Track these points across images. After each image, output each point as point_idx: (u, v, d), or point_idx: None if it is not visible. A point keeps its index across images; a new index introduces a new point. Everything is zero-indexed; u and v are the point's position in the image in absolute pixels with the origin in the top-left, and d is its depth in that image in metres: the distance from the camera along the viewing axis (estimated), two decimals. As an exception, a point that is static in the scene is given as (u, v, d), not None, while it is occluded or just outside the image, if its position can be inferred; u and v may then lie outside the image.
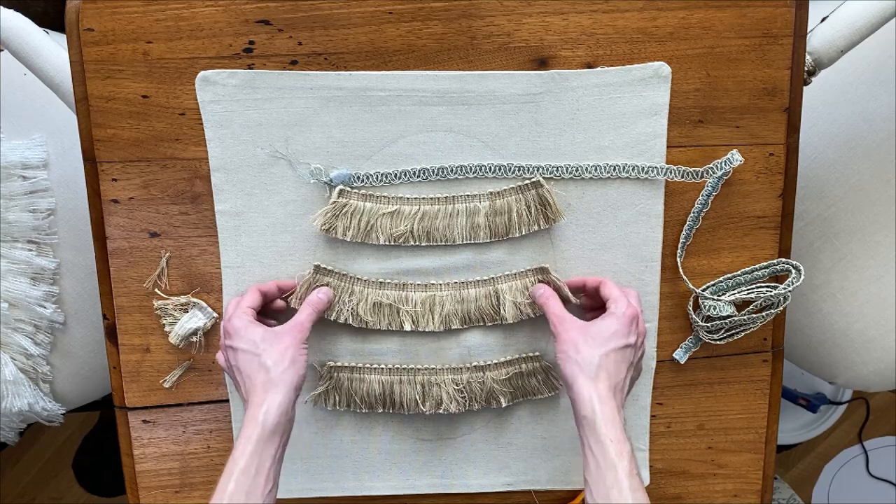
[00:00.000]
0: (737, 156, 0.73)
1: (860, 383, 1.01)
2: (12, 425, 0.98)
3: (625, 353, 0.67)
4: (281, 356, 0.67)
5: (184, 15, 0.70)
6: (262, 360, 0.67)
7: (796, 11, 0.72)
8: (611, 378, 0.66)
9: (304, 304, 0.72)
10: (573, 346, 0.67)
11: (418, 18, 0.70)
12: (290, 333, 0.68)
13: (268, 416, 0.64)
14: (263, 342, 0.67)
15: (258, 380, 0.66)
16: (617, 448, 0.63)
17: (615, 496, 0.62)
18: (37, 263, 0.90)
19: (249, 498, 0.62)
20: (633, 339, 0.68)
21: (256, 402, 0.65)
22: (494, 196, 0.74)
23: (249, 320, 0.69)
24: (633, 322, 0.68)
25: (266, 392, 0.65)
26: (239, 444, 0.64)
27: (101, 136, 0.73)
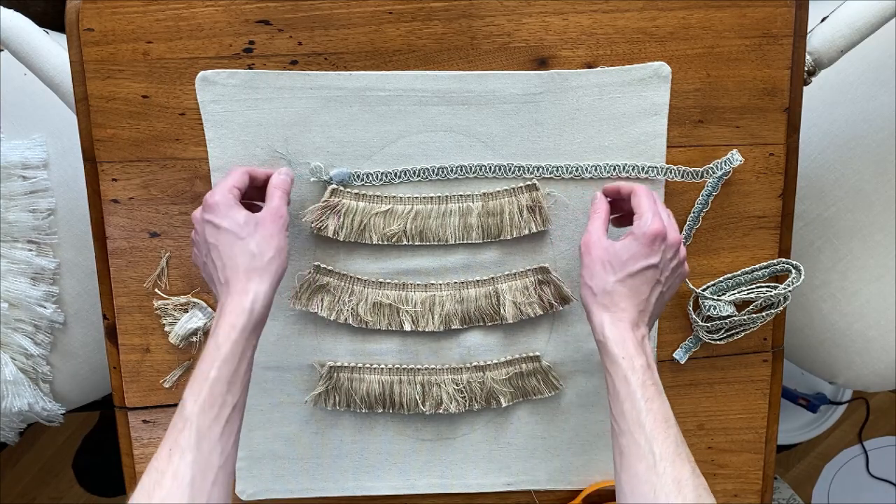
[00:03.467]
0: (737, 156, 0.73)
1: (860, 383, 1.01)
2: (12, 425, 0.98)
3: (645, 275, 0.65)
4: (266, 243, 0.64)
5: (184, 15, 0.70)
6: (246, 244, 0.64)
7: (796, 11, 0.72)
8: (629, 301, 0.65)
9: (273, 188, 0.68)
10: (589, 271, 0.66)
11: (418, 18, 0.70)
12: (273, 220, 0.65)
13: (255, 304, 0.63)
14: (247, 226, 0.64)
15: (241, 264, 0.64)
16: (629, 363, 0.62)
17: (629, 409, 0.61)
18: (37, 263, 0.90)
19: (231, 387, 0.61)
20: (656, 258, 0.65)
21: (240, 288, 0.63)
22: (487, 197, 0.74)
23: (234, 200, 0.66)
24: (655, 240, 0.65)
25: (249, 280, 0.63)
26: (220, 330, 0.62)
27: (101, 136, 0.73)
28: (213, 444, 0.59)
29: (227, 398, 0.60)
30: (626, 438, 0.61)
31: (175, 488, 0.57)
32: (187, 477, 0.57)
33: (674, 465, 0.59)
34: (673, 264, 0.67)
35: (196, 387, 0.60)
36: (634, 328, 0.65)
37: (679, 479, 0.59)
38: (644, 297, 0.65)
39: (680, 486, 0.58)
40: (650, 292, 0.66)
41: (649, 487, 0.59)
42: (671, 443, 0.60)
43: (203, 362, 0.61)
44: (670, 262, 0.67)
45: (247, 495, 0.80)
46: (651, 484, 0.59)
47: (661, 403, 0.62)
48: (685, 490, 0.58)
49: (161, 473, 0.57)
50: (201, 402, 0.59)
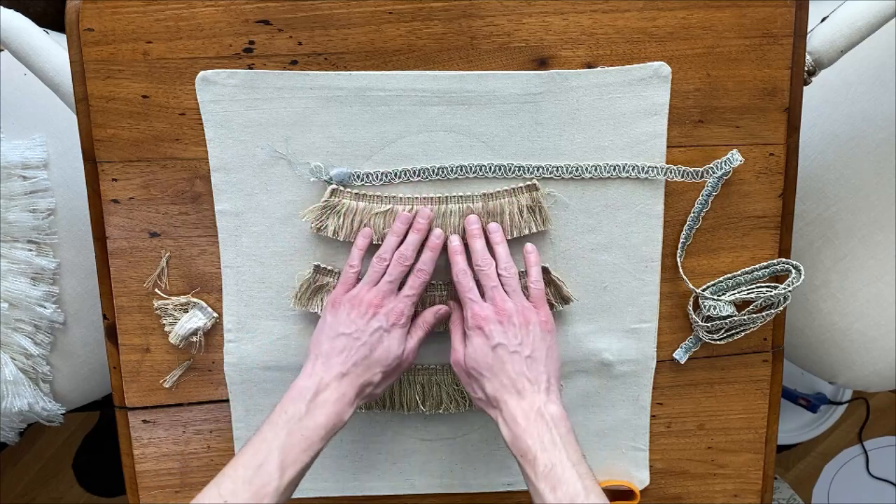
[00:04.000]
0: (737, 156, 0.73)
1: (860, 383, 1.01)
2: (12, 425, 0.98)
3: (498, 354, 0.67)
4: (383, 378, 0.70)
5: (184, 15, 0.70)
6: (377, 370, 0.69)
7: (796, 11, 0.72)
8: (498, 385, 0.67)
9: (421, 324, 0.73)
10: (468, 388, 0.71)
11: (418, 18, 0.70)
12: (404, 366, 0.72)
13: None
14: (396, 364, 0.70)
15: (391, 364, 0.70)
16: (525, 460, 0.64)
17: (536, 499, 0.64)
18: (37, 263, 0.90)
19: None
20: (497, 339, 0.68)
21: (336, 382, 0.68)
22: (487, 197, 0.74)
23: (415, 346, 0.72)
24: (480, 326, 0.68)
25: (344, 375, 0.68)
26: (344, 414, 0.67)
27: (101, 136, 0.73)
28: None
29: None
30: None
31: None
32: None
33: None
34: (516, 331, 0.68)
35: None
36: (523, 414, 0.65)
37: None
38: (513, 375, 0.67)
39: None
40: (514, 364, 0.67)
41: None
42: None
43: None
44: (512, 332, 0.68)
45: (247, 495, 0.80)
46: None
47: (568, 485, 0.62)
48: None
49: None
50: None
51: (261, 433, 0.65)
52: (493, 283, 0.70)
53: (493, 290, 0.70)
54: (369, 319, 0.69)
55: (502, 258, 0.71)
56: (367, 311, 0.69)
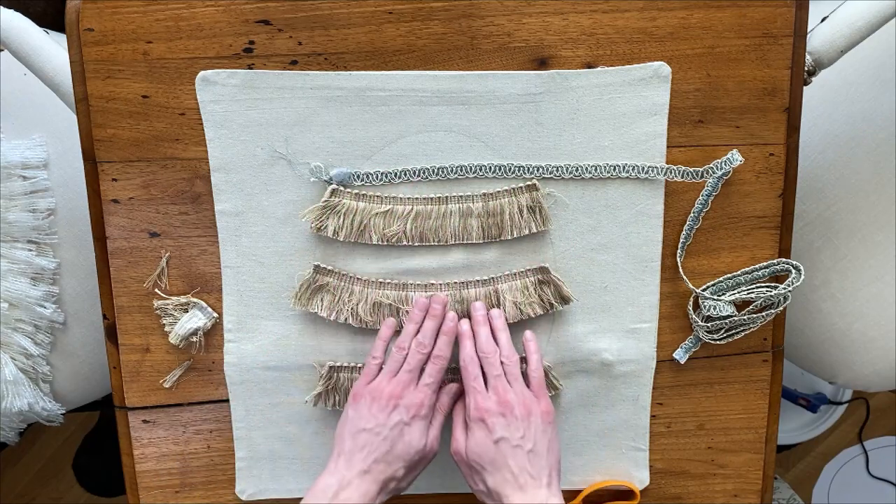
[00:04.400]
0: (737, 156, 0.73)
1: (860, 383, 1.01)
2: (12, 425, 0.98)
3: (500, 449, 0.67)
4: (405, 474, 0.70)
5: (184, 15, 0.70)
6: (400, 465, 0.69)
7: (796, 11, 0.72)
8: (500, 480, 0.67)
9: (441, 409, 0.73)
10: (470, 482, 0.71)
11: (418, 18, 0.70)
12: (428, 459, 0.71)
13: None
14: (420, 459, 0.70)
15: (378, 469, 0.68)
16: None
17: None
18: (37, 263, 0.90)
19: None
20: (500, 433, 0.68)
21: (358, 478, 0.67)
22: (488, 197, 0.74)
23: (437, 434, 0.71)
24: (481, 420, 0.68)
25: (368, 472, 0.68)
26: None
27: (101, 136, 0.73)
28: None
29: None
30: None
31: None
32: None
33: None
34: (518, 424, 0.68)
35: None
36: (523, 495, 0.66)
37: None
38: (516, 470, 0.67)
39: None
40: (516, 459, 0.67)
41: None
42: None
43: None
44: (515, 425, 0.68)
45: (247, 495, 0.80)
46: None
47: None
48: None
49: None
50: None
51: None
52: (496, 373, 0.70)
53: (496, 380, 0.70)
54: (390, 413, 0.68)
55: (504, 346, 0.72)
56: (387, 404, 0.69)
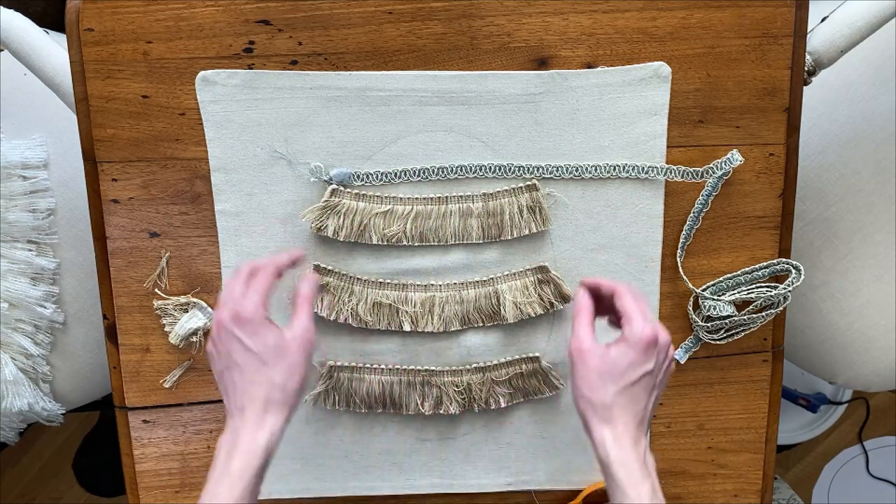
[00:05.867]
0: (737, 156, 0.73)
1: (860, 383, 1.01)
2: (12, 425, 0.98)
3: (644, 382, 0.62)
4: (290, 374, 0.61)
5: (184, 15, 0.70)
6: (270, 372, 0.61)
7: (796, 11, 0.72)
8: (628, 412, 0.62)
9: (301, 301, 0.65)
10: (587, 382, 0.62)
11: (418, 18, 0.70)
12: (300, 348, 0.62)
13: (271, 443, 0.60)
14: (275, 349, 0.61)
15: (260, 394, 0.61)
16: (634, 491, 0.60)
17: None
18: (37, 263, 0.90)
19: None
20: (651, 364, 0.62)
21: (256, 421, 0.60)
22: (488, 197, 0.74)
23: (265, 314, 0.62)
24: (649, 347, 0.62)
25: (266, 411, 0.61)
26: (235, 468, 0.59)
27: (101, 136, 0.73)
28: None
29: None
30: None
31: None
32: None
33: None
34: (665, 365, 0.64)
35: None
36: (636, 445, 0.61)
37: None
38: (642, 406, 0.63)
39: None
40: (647, 400, 0.63)
41: None
42: None
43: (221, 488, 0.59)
44: (663, 365, 0.64)
45: (247, 495, 0.80)
46: None
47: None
48: None
49: None
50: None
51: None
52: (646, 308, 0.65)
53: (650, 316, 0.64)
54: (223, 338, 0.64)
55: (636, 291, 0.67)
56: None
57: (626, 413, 0.62)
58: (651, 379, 0.63)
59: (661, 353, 0.63)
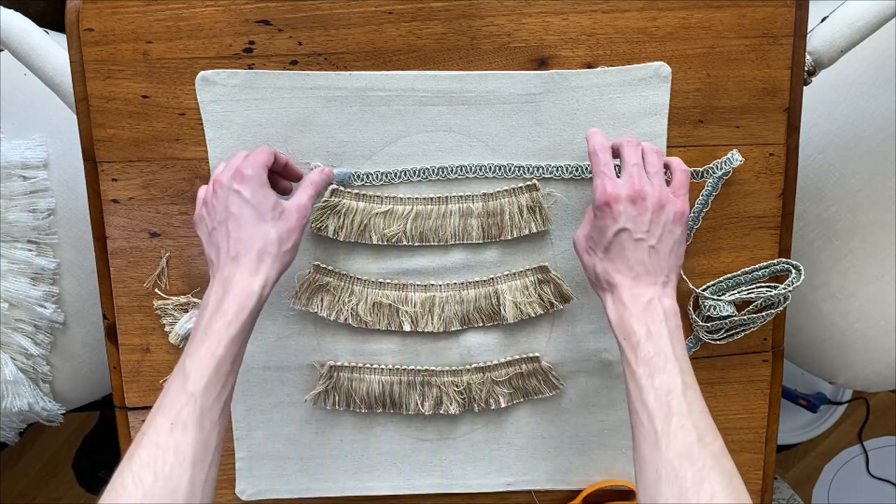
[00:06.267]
0: (737, 156, 0.73)
1: (860, 383, 1.01)
2: (12, 425, 0.98)
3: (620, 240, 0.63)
4: (288, 235, 0.63)
5: (184, 15, 0.70)
6: (268, 228, 0.63)
7: (796, 11, 0.72)
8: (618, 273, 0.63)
9: (306, 183, 0.67)
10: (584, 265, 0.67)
11: (418, 18, 0.70)
12: (297, 215, 0.65)
13: (265, 289, 0.62)
14: (273, 210, 0.63)
15: (256, 244, 0.62)
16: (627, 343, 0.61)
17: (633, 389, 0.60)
18: (37, 263, 0.90)
19: (233, 367, 0.60)
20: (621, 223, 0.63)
21: (251, 269, 0.62)
22: (488, 197, 0.74)
23: (265, 178, 0.64)
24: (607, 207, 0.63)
25: (262, 262, 0.62)
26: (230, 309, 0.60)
27: (101, 136, 0.73)
28: (215, 422, 0.58)
29: (228, 379, 0.60)
30: (633, 418, 0.60)
31: (177, 466, 0.55)
32: (189, 455, 0.56)
33: (675, 439, 0.56)
34: (648, 216, 0.63)
35: (201, 362, 0.59)
36: (634, 299, 0.62)
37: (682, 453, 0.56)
38: (632, 261, 0.63)
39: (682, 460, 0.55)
40: (635, 252, 0.63)
41: (652, 467, 0.56)
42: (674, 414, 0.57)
43: (210, 336, 0.60)
44: (643, 216, 0.63)
45: (247, 495, 0.80)
46: (654, 463, 0.56)
47: (667, 375, 0.59)
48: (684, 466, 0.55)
49: (162, 449, 0.56)
50: (206, 379, 0.58)
51: None
52: (634, 161, 0.65)
53: (633, 168, 0.65)
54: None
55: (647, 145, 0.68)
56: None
57: (618, 274, 0.64)
58: (628, 234, 0.63)
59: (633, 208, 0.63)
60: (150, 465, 0.55)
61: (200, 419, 0.57)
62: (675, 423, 0.57)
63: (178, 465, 0.55)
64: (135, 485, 0.55)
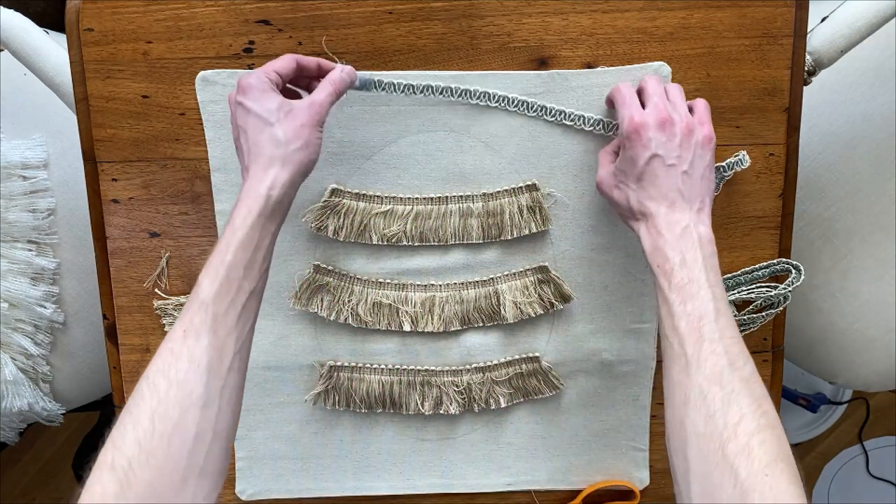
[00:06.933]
0: (746, 158, 0.73)
1: (860, 383, 1.01)
2: (12, 425, 0.98)
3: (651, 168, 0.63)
4: (295, 133, 0.61)
5: (184, 15, 0.70)
6: (273, 130, 0.61)
7: (796, 11, 0.72)
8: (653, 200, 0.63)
9: (325, 82, 0.65)
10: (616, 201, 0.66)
11: (418, 18, 0.70)
12: (308, 111, 0.62)
13: (272, 191, 0.60)
14: (279, 111, 0.62)
15: (265, 151, 0.61)
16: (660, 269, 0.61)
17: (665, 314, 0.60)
18: (37, 263, 0.90)
19: (248, 272, 0.59)
20: (652, 149, 0.63)
21: (259, 175, 0.61)
22: (488, 197, 0.74)
23: (269, 84, 0.63)
24: (637, 136, 0.63)
25: (271, 166, 0.61)
26: (237, 215, 0.60)
27: (101, 136, 0.73)
28: (230, 329, 0.58)
29: (243, 283, 0.59)
30: (664, 344, 0.60)
31: (191, 372, 0.55)
32: (204, 361, 0.55)
33: (705, 363, 0.56)
34: (677, 141, 0.63)
35: (212, 270, 0.58)
36: (670, 227, 0.62)
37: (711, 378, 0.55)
38: (665, 189, 0.63)
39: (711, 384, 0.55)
40: (668, 178, 0.63)
41: (681, 391, 0.56)
42: (705, 340, 0.57)
43: (219, 246, 0.59)
44: (673, 142, 0.63)
45: (247, 495, 0.80)
46: (683, 387, 0.56)
47: (700, 301, 0.58)
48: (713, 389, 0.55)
49: (176, 356, 0.55)
50: (217, 285, 0.58)
51: None
52: (658, 91, 0.66)
53: (656, 97, 0.65)
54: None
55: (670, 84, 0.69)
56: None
57: (652, 201, 0.63)
58: (660, 161, 0.63)
59: (662, 134, 0.63)
60: (164, 372, 0.55)
61: (213, 326, 0.57)
62: (706, 349, 0.57)
63: (192, 372, 0.55)
64: (150, 390, 0.54)
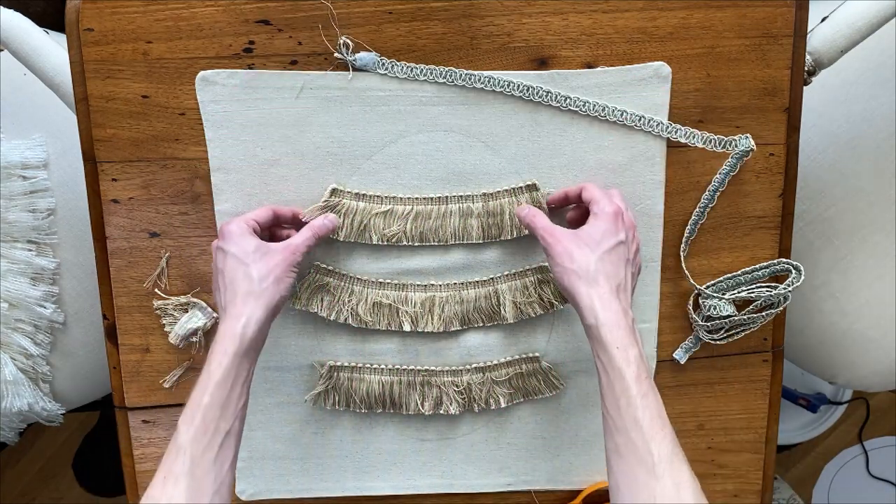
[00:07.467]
0: (750, 140, 0.73)
1: (860, 383, 1.01)
2: (12, 425, 0.98)
3: (619, 251, 0.65)
4: (269, 271, 0.66)
5: (184, 15, 0.70)
6: (248, 269, 0.65)
7: (796, 11, 0.72)
8: (611, 280, 0.64)
9: (306, 227, 0.70)
10: (567, 255, 0.65)
11: (418, 18, 0.70)
12: (283, 253, 0.67)
13: (247, 328, 0.63)
14: (255, 253, 0.66)
15: (240, 289, 0.65)
16: (623, 354, 0.61)
17: (624, 405, 0.60)
18: (37, 263, 0.90)
19: (224, 412, 0.62)
20: (623, 234, 0.66)
21: (235, 313, 0.64)
22: (488, 197, 0.74)
23: (247, 230, 0.68)
24: (618, 218, 0.66)
25: (245, 304, 0.64)
26: (214, 357, 0.63)
27: (101, 136, 0.73)
28: (207, 470, 0.60)
29: (219, 424, 0.61)
30: (622, 437, 0.60)
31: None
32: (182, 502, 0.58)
33: (672, 467, 0.58)
34: (634, 247, 0.68)
35: (189, 413, 0.61)
36: (625, 312, 0.63)
37: (679, 483, 0.58)
38: (621, 276, 0.65)
39: (679, 489, 0.57)
40: (625, 270, 0.66)
41: (648, 492, 0.58)
42: (668, 443, 0.59)
43: (196, 389, 0.62)
44: (632, 244, 0.68)
45: (247, 495, 0.80)
46: (650, 489, 0.58)
47: (655, 398, 0.60)
48: (684, 493, 0.57)
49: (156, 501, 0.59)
50: (194, 429, 0.60)
51: None
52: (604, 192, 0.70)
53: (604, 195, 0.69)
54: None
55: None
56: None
57: (609, 279, 0.64)
58: (624, 249, 0.66)
59: (628, 229, 0.67)
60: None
61: (192, 469, 0.60)
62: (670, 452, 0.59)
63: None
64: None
